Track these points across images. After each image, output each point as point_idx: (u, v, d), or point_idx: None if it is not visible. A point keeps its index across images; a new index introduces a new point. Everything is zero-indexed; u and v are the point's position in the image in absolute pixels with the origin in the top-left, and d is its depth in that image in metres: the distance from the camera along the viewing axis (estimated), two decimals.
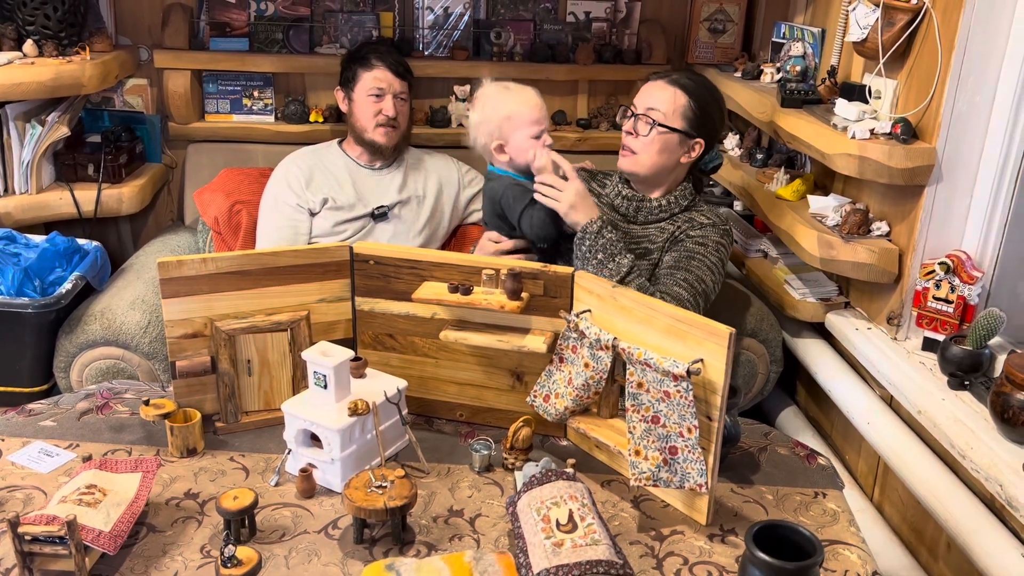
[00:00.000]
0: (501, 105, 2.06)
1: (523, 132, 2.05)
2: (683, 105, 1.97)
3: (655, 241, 2.02)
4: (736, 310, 2.45)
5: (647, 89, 2.03)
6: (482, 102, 2.11)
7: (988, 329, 1.87)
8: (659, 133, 1.96)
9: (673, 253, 1.98)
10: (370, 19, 2.95)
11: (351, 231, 2.55)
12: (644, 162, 1.99)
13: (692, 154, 2.01)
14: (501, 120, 2.05)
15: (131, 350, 2.27)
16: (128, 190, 2.74)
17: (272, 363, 1.66)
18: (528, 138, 2.05)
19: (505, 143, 2.07)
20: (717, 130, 2.06)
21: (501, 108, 2.06)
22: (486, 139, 2.09)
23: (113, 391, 1.80)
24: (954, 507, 1.76)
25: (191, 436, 1.58)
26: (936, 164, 1.96)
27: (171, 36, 2.84)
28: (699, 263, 1.94)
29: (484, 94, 2.12)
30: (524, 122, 2.05)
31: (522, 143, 2.05)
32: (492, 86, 2.12)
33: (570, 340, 1.55)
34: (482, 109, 2.09)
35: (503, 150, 2.07)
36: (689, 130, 1.98)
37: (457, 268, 1.62)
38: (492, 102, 2.08)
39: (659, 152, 1.98)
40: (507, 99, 2.07)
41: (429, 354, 1.70)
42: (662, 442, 1.42)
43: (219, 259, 1.58)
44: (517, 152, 2.06)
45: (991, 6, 1.85)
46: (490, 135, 2.07)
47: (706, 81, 2.06)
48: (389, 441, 1.58)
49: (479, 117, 2.10)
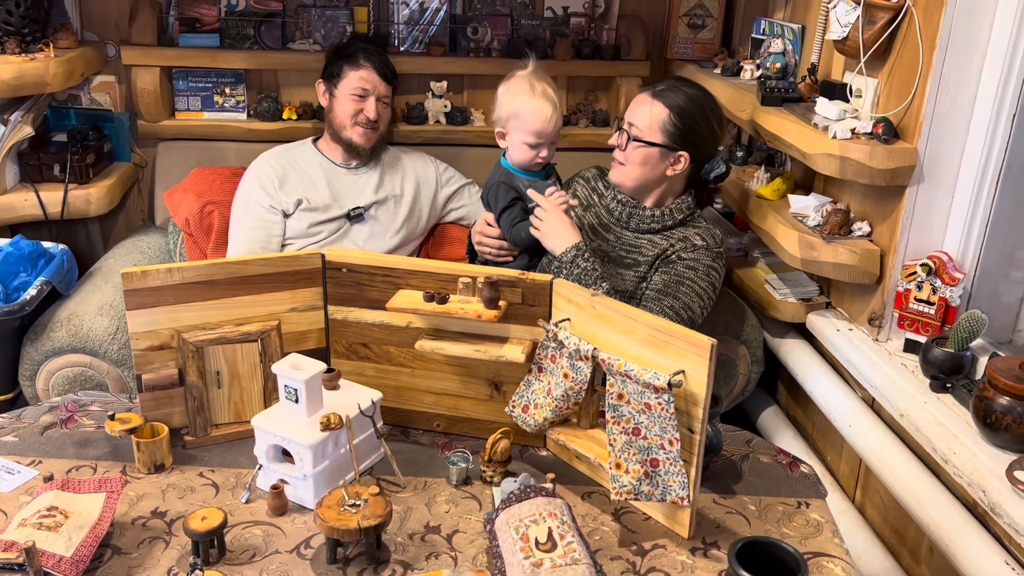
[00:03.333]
0: (514, 102, 2.06)
1: (522, 136, 2.06)
2: (662, 119, 1.95)
3: (646, 254, 2.00)
4: (717, 309, 2.42)
5: (633, 102, 2.04)
6: (508, 86, 2.10)
7: (970, 331, 1.85)
8: (636, 147, 1.97)
9: (663, 274, 1.96)
10: (344, 14, 2.89)
11: (326, 232, 2.50)
12: (629, 174, 2.01)
13: (677, 167, 1.99)
14: (509, 113, 2.06)
15: (99, 357, 2.21)
16: (96, 191, 2.66)
17: (242, 375, 1.62)
18: (524, 144, 2.06)
19: (506, 134, 2.10)
20: (706, 141, 2.02)
21: (513, 105, 2.06)
22: (495, 119, 2.13)
23: (78, 403, 1.74)
24: (936, 512, 1.75)
25: (158, 451, 1.53)
26: (918, 164, 1.93)
27: (139, 32, 2.76)
28: (688, 289, 1.94)
29: (516, 79, 2.10)
30: (526, 129, 2.05)
31: (518, 144, 2.07)
32: (525, 78, 2.09)
33: (549, 349, 1.52)
34: (504, 92, 2.09)
35: (503, 138, 2.11)
36: (669, 143, 1.96)
37: (433, 276, 1.58)
38: (511, 94, 2.07)
39: (641, 165, 1.99)
40: (523, 99, 2.05)
41: (404, 364, 1.66)
42: (643, 454, 1.39)
43: (185, 269, 1.53)
44: (512, 148, 2.09)
45: (972, 5, 1.83)
46: (498, 119, 2.10)
47: (695, 93, 2.01)
48: (363, 455, 1.54)
49: (501, 96, 2.10)
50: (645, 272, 1.99)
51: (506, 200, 2.07)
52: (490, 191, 2.12)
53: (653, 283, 1.96)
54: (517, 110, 2.05)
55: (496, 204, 2.09)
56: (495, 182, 2.11)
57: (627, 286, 2.00)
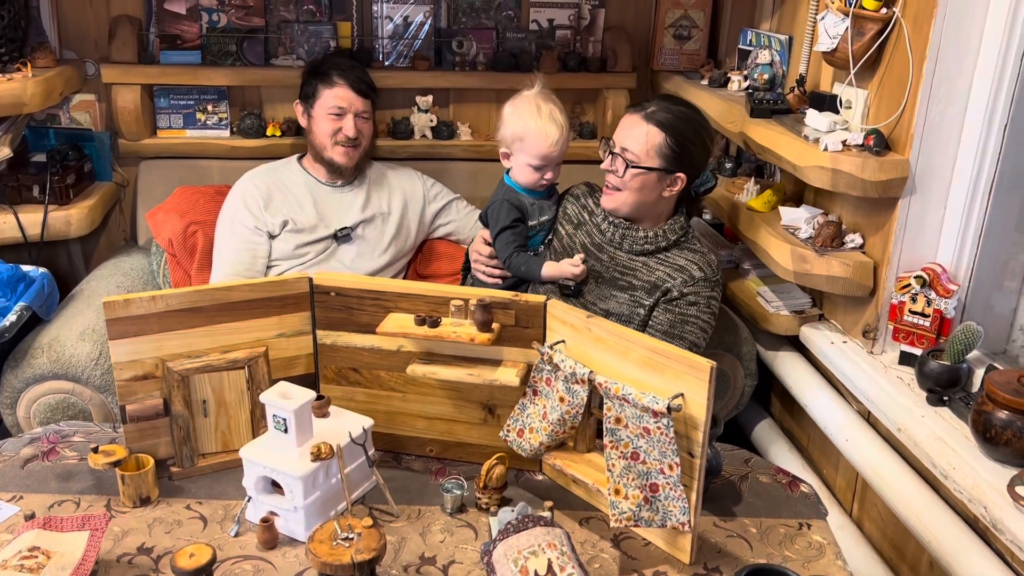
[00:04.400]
0: (519, 124, 2.01)
1: (527, 158, 2.02)
2: (658, 143, 1.91)
3: (641, 278, 1.97)
4: None
5: (623, 124, 1.97)
6: (514, 107, 2.05)
7: (966, 344, 1.84)
8: (635, 174, 1.92)
9: (667, 313, 1.94)
10: (327, 29, 2.86)
11: (313, 253, 2.46)
12: (624, 200, 1.96)
13: (673, 188, 1.96)
14: (514, 135, 2.02)
15: (82, 383, 2.16)
16: (77, 211, 2.61)
17: (229, 403, 1.58)
18: (527, 165, 2.03)
19: (511, 155, 2.06)
20: (701, 160, 2.00)
21: (518, 127, 2.01)
22: (499, 139, 2.08)
23: (60, 434, 1.69)
24: (937, 528, 1.73)
25: (144, 484, 1.49)
26: (909, 176, 1.92)
27: (119, 50, 2.72)
28: (692, 326, 1.94)
29: (521, 101, 2.05)
30: (532, 152, 2.01)
31: (522, 166, 2.04)
32: (531, 98, 2.04)
33: (544, 372, 1.49)
34: (510, 114, 2.04)
35: (507, 158, 2.07)
36: (667, 166, 1.93)
37: (424, 299, 1.55)
38: (516, 116, 2.03)
39: (639, 191, 1.94)
40: (528, 122, 2.00)
41: (396, 388, 1.62)
42: (642, 479, 1.36)
43: (169, 296, 1.49)
44: (515, 169, 2.06)
45: (961, 16, 1.82)
46: (502, 139, 2.06)
47: (686, 112, 1.98)
48: (355, 483, 1.50)
49: (506, 117, 2.06)
50: (641, 298, 1.96)
51: (507, 220, 2.03)
52: (491, 208, 2.08)
53: (658, 322, 1.95)
54: (522, 132, 2.01)
55: (496, 222, 2.04)
56: (499, 199, 2.06)
57: (621, 309, 1.97)
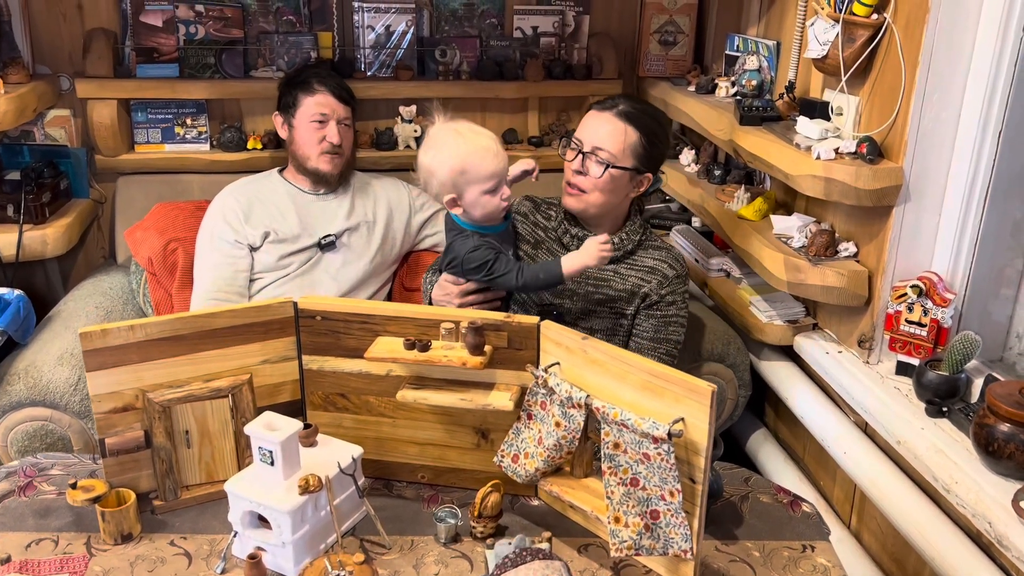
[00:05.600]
0: (454, 156, 1.79)
1: (478, 187, 1.81)
2: (633, 142, 1.87)
3: (616, 287, 1.94)
4: (702, 333, 2.38)
5: (594, 123, 1.90)
6: (434, 148, 1.83)
7: (964, 353, 1.81)
8: (611, 174, 1.87)
9: (651, 319, 1.93)
10: (308, 40, 2.80)
11: (297, 264, 2.41)
12: (593, 201, 1.90)
13: (640, 189, 1.94)
14: (454, 174, 1.79)
15: (60, 410, 2.09)
16: (53, 231, 2.54)
17: (213, 433, 1.52)
18: (482, 194, 1.82)
19: (459, 197, 1.83)
20: (663, 160, 1.98)
21: (454, 160, 1.79)
22: (438, 190, 1.83)
23: (37, 467, 1.63)
24: (940, 543, 1.70)
25: (125, 520, 1.43)
26: (903, 183, 1.89)
27: (94, 64, 2.65)
28: (675, 325, 1.96)
29: (435, 138, 1.84)
30: (479, 177, 1.80)
31: (477, 199, 1.82)
32: (444, 130, 1.84)
33: (538, 396, 1.44)
34: (434, 156, 1.82)
35: (456, 203, 1.84)
36: (639, 166, 1.90)
37: (413, 321, 1.50)
38: (445, 151, 1.80)
39: (610, 192, 1.89)
40: (460, 149, 1.80)
41: (385, 413, 1.57)
42: (642, 506, 1.32)
43: (148, 325, 1.43)
44: (472, 207, 1.83)
45: (954, 21, 1.79)
46: (442, 186, 1.82)
47: (650, 108, 1.96)
48: (345, 514, 1.45)
49: (430, 164, 1.82)
50: (621, 307, 1.93)
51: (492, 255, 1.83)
52: (464, 260, 1.83)
53: (643, 330, 1.94)
54: (460, 164, 1.79)
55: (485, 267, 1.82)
56: (472, 247, 1.83)
57: (605, 324, 1.94)
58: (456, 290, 1.87)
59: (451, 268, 1.88)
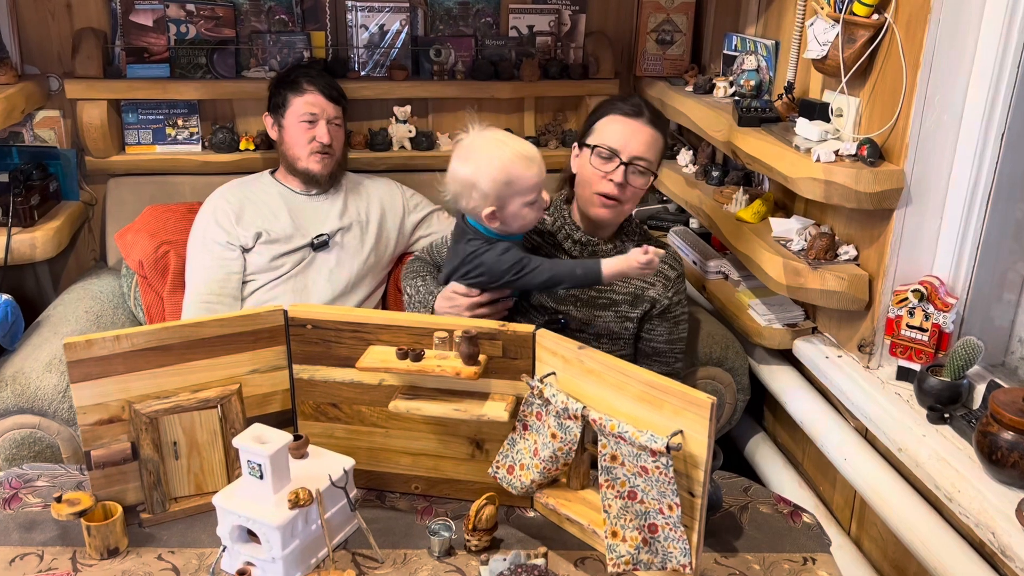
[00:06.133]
0: (498, 166, 1.70)
1: (520, 199, 1.72)
2: (661, 148, 1.88)
3: (619, 291, 1.92)
4: (700, 336, 2.35)
5: (627, 130, 1.83)
6: (475, 158, 1.72)
7: (966, 359, 1.78)
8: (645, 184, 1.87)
9: (664, 324, 1.98)
10: (300, 39, 2.77)
11: (290, 265, 2.38)
12: (627, 211, 1.91)
13: (646, 191, 1.92)
14: (498, 185, 1.70)
15: (49, 417, 2.06)
16: (42, 234, 2.50)
17: (201, 444, 1.49)
18: (526, 205, 1.73)
19: (500, 210, 1.73)
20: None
21: (498, 171, 1.69)
22: (478, 203, 1.72)
23: (23, 478, 1.60)
24: (942, 552, 1.67)
25: (112, 535, 1.40)
26: (905, 186, 1.86)
27: (83, 64, 2.61)
28: (683, 324, 2.02)
29: (475, 148, 1.74)
30: (524, 188, 1.71)
31: (519, 210, 1.73)
32: (484, 139, 1.75)
33: (534, 406, 1.41)
34: (476, 167, 1.71)
35: (495, 216, 1.73)
36: (656, 171, 1.89)
37: (406, 330, 1.47)
38: (488, 161, 1.71)
39: (637, 200, 1.90)
40: (504, 159, 1.70)
41: (378, 423, 1.54)
42: (640, 519, 1.29)
43: (135, 335, 1.40)
44: (513, 219, 1.74)
45: (956, 22, 1.76)
46: (484, 199, 1.71)
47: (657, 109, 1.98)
48: (336, 528, 1.42)
49: (471, 175, 1.71)
50: (626, 312, 1.92)
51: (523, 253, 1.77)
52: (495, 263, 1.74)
53: (657, 334, 1.98)
54: (505, 175, 1.69)
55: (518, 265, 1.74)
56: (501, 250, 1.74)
57: (610, 327, 1.91)
58: (467, 302, 1.79)
59: (473, 277, 1.79)
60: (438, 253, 2.07)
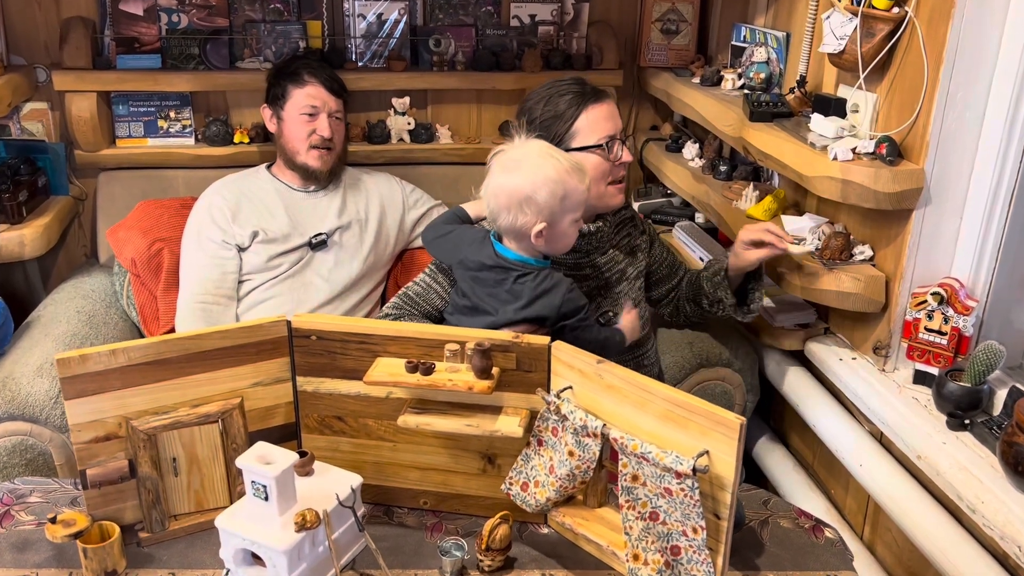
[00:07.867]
0: (556, 180, 1.57)
1: (571, 215, 1.61)
2: None
3: (619, 261, 1.94)
4: (710, 336, 2.29)
5: (611, 113, 1.84)
6: (525, 170, 1.58)
7: (987, 364, 1.74)
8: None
9: (660, 251, 2.08)
10: (296, 29, 2.69)
11: (287, 264, 2.32)
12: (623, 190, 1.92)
13: None
14: (556, 200, 1.57)
15: (41, 423, 1.99)
16: (31, 231, 2.42)
17: (202, 460, 1.43)
18: (573, 222, 1.63)
19: (550, 227, 1.60)
20: None
21: (556, 184, 1.56)
22: (530, 219, 1.57)
23: (15, 494, 1.54)
24: (963, 565, 1.63)
25: (109, 557, 1.34)
26: (925, 186, 1.81)
27: (71, 54, 2.53)
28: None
29: (529, 160, 1.59)
30: (576, 203, 1.61)
31: (568, 228, 1.62)
32: (536, 151, 1.61)
33: (550, 422, 1.36)
34: (533, 180, 1.56)
35: (542, 235, 1.60)
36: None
37: (415, 342, 1.41)
38: (544, 173, 1.56)
39: None
40: (561, 172, 1.57)
41: (385, 437, 1.48)
42: (663, 541, 1.24)
43: (131, 349, 1.33)
44: (559, 238, 1.62)
45: (981, 17, 1.70)
46: (539, 214, 1.57)
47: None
48: (344, 548, 1.37)
49: (527, 188, 1.56)
50: (634, 274, 1.97)
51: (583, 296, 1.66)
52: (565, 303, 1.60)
53: (662, 256, 2.08)
54: (562, 189, 1.57)
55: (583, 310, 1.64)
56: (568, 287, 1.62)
57: (632, 294, 1.94)
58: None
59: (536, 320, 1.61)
60: (425, 302, 1.80)
